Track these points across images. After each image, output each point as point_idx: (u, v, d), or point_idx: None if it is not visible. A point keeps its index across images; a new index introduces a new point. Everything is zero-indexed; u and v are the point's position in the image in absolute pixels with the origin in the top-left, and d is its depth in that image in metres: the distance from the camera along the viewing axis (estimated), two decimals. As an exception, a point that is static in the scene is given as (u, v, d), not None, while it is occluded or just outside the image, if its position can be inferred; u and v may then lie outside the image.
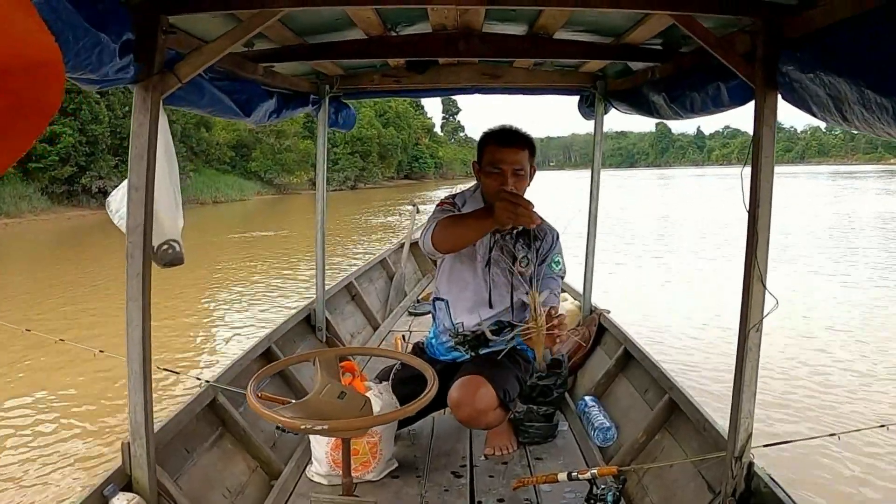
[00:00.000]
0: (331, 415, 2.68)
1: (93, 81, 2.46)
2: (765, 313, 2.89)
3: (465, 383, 3.64)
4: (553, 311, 3.26)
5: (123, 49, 2.43)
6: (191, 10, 2.82)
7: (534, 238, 3.89)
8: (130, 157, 2.85)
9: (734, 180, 2.97)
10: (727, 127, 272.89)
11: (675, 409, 3.98)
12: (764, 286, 2.87)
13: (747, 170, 2.85)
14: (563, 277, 4.04)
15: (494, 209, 3.06)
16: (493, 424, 3.85)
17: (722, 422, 3.33)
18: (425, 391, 2.73)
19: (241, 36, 2.89)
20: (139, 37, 2.62)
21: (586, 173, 5.95)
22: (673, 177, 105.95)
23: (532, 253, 3.88)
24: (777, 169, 2.86)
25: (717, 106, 3.42)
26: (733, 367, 3.00)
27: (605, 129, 5.60)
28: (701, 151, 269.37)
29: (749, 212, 2.89)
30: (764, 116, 2.80)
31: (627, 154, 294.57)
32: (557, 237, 4.00)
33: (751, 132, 2.87)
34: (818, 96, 2.35)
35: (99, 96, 38.00)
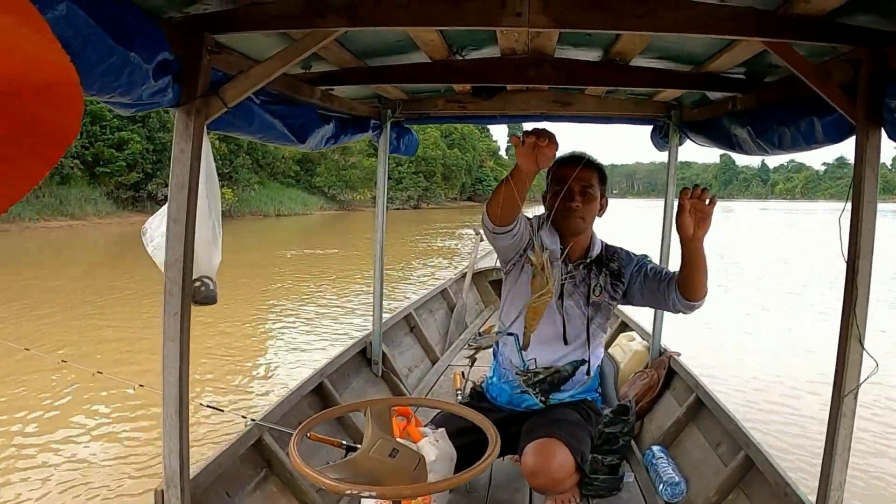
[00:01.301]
0: (381, 475, 2.42)
1: (126, 105, 2.26)
2: (863, 378, 2.62)
3: (540, 448, 3.34)
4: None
5: (160, 70, 2.23)
6: (238, 29, 2.62)
7: (608, 262, 3.66)
8: (171, 186, 2.67)
9: (799, 215, 2.67)
10: (792, 161, 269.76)
11: (752, 468, 3.71)
12: (862, 347, 2.62)
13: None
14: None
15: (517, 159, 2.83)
16: (566, 490, 3.57)
17: (805, 487, 3.05)
18: (486, 455, 2.44)
19: (293, 57, 2.69)
20: (181, 57, 2.43)
21: (650, 202, 5.68)
22: (736, 210, 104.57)
23: (605, 278, 3.63)
24: (838, 204, 2.58)
25: (809, 143, 3.15)
26: (802, 421, 2.71)
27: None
28: (765, 185, 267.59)
29: (847, 263, 2.62)
30: (866, 156, 2.55)
31: (691, 185, 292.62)
32: (634, 254, 3.73)
33: (815, 167, 2.59)
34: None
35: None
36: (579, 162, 3.45)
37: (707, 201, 3.00)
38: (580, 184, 3.43)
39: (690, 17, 2.50)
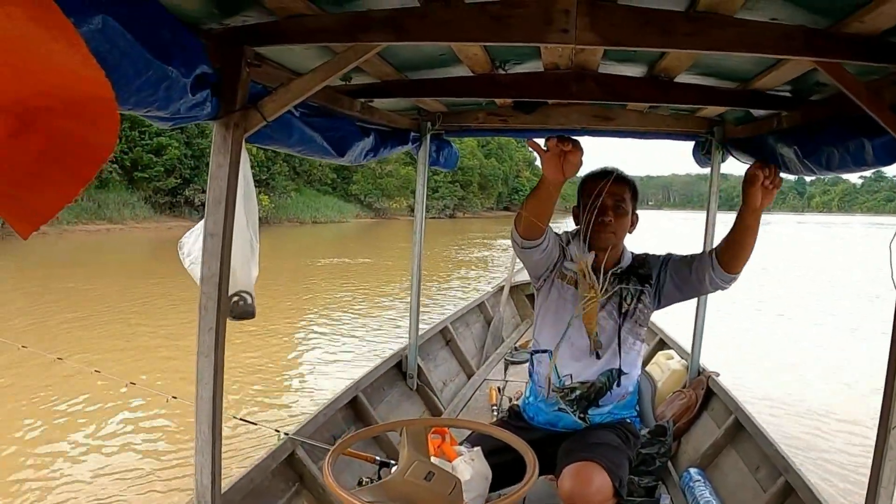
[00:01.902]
0: (416, 499, 2.38)
1: (163, 119, 2.22)
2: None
3: (578, 472, 3.24)
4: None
5: (198, 84, 2.19)
6: (279, 42, 2.58)
7: (638, 267, 3.58)
8: (208, 200, 2.63)
9: (837, 229, 2.58)
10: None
11: (792, 495, 3.61)
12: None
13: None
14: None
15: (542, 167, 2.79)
16: None
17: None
18: (524, 482, 2.39)
19: (334, 71, 2.64)
20: (220, 70, 2.39)
21: (685, 214, 5.58)
22: (773, 222, 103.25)
23: (636, 285, 3.55)
24: (881, 219, 2.48)
25: (858, 164, 3.04)
26: (845, 448, 2.62)
27: (704, 171, 5.25)
28: (801, 198, 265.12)
29: (898, 290, 2.52)
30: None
31: (727, 197, 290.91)
32: (658, 255, 3.65)
33: (852, 180, 2.51)
34: None
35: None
36: (610, 176, 3.38)
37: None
38: (613, 198, 3.36)
39: (741, 36, 2.43)
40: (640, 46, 2.59)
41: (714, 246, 3.28)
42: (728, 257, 3.19)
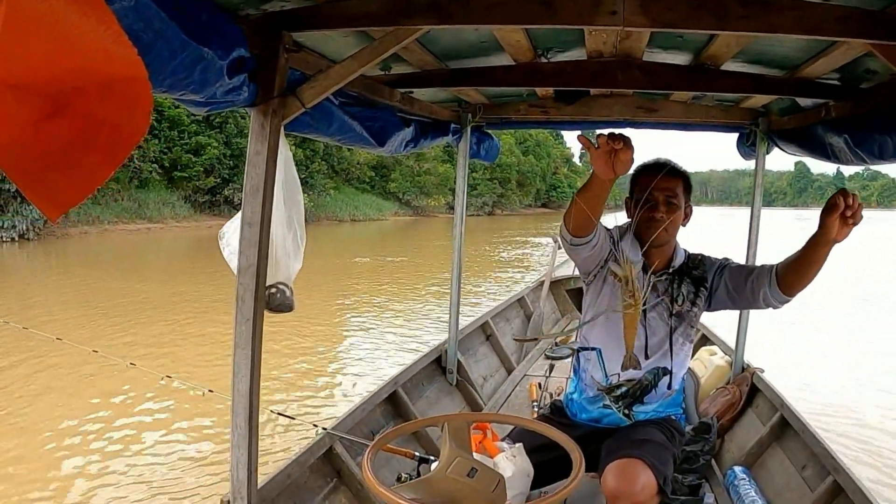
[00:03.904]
0: (458, 496, 2.33)
1: (199, 104, 2.18)
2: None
3: (622, 470, 3.17)
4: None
5: (234, 67, 2.15)
6: (318, 27, 2.53)
7: (692, 269, 3.50)
8: (245, 188, 2.61)
9: (877, 224, 2.46)
10: (867, 168, 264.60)
11: (841, 495, 3.50)
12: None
13: None
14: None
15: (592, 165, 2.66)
16: None
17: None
18: (570, 479, 2.31)
19: (374, 57, 2.60)
20: (257, 55, 2.35)
21: (723, 210, 5.48)
22: (811, 218, 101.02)
23: (688, 286, 3.47)
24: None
25: (913, 152, 2.96)
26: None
27: (743, 166, 5.14)
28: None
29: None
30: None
31: (765, 192, 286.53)
32: (715, 258, 3.55)
33: (891, 175, 2.38)
34: None
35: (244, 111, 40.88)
36: (662, 169, 3.30)
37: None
38: (664, 193, 3.28)
39: (796, 18, 2.34)
40: (691, 28, 2.50)
41: (777, 263, 3.16)
42: (789, 280, 3.07)
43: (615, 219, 3.54)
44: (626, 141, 2.53)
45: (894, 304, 17.65)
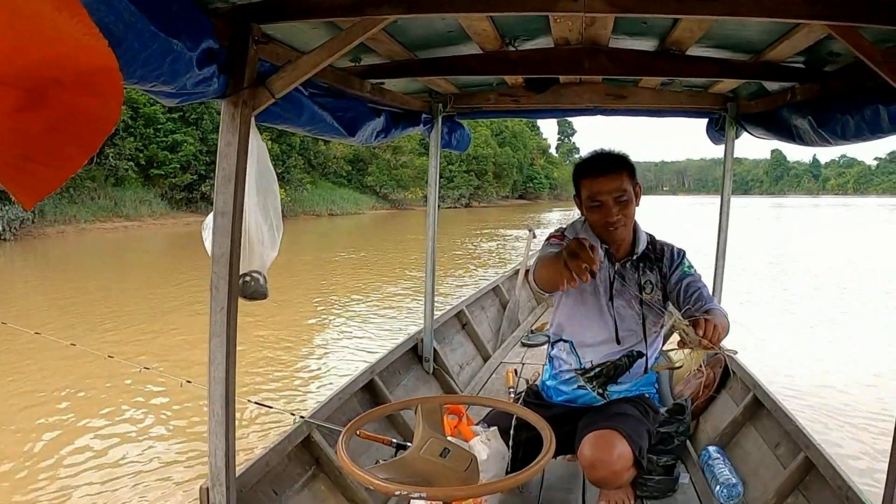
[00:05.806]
0: (431, 476, 2.36)
1: (170, 95, 2.20)
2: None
3: (599, 440, 3.26)
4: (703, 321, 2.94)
5: (204, 59, 2.18)
6: (287, 19, 2.57)
7: (656, 260, 3.59)
8: (217, 179, 2.64)
9: (853, 211, 2.52)
10: (843, 156, 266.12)
11: (812, 470, 3.56)
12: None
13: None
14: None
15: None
16: (624, 485, 3.49)
17: (869, 492, 2.95)
18: (540, 456, 2.36)
19: (342, 47, 2.63)
20: (227, 47, 2.38)
21: (699, 198, 5.53)
22: (787, 205, 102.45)
23: (656, 275, 3.57)
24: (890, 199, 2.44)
25: (874, 132, 3.04)
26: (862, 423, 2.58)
27: (718, 155, 5.19)
28: (816, 180, 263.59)
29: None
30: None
31: (742, 181, 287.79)
32: (682, 253, 3.65)
33: (867, 162, 2.45)
34: None
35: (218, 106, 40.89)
36: (606, 170, 3.36)
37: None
38: (612, 195, 3.34)
39: (754, 0, 2.40)
40: (651, 13, 2.55)
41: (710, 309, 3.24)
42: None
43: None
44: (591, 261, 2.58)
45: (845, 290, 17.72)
